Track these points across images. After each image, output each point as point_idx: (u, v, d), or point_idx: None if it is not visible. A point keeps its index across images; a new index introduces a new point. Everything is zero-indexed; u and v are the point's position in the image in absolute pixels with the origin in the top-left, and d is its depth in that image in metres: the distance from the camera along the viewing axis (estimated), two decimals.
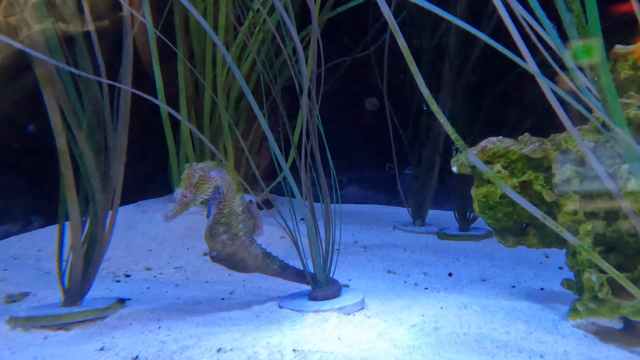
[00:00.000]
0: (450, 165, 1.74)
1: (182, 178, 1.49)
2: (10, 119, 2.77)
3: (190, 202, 1.48)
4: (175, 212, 1.46)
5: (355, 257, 2.50)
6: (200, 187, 1.50)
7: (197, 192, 1.49)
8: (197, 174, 1.49)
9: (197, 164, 1.51)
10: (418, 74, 1.19)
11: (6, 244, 2.70)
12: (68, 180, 1.56)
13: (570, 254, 1.58)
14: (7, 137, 2.81)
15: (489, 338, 1.44)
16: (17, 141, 2.86)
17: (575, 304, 1.51)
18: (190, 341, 1.41)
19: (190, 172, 1.49)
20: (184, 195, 1.47)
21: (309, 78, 1.65)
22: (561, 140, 1.56)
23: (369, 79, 3.61)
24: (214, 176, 1.51)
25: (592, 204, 1.48)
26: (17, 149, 2.89)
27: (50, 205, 2.94)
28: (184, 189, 1.48)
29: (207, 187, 1.50)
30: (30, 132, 2.87)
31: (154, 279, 2.17)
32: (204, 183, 1.50)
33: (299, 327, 1.53)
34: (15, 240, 2.75)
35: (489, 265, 2.32)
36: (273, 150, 1.67)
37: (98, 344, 1.39)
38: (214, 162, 1.56)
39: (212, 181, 1.51)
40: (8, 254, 2.57)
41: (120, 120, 1.67)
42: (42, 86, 1.53)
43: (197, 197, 1.49)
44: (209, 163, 1.53)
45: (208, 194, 1.51)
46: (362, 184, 4.21)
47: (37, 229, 2.91)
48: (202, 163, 1.52)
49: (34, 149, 2.86)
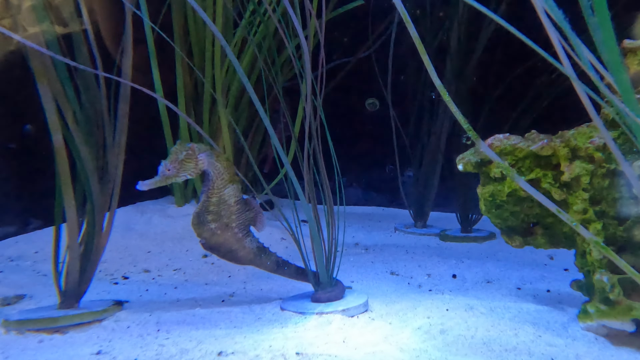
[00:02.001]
0: (456, 163, 1.71)
1: (170, 151, 1.51)
2: (6, 118, 2.74)
3: (172, 177, 1.50)
4: (154, 182, 1.48)
5: (357, 259, 2.46)
6: (185, 165, 1.51)
7: (181, 169, 1.51)
8: (185, 151, 1.51)
9: (191, 143, 1.53)
10: (430, 65, 1.15)
11: (3, 245, 2.66)
12: (64, 179, 1.51)
13: (579, 254, 1.54)
14: (3, 136, 2.77)
15: (497, 341, 1.40)
16: (14, 141, 2.82)
17: (585, 306, 1.47)
18: (190, 344, 1.37)
19: (179, 148, 1.51)
20: (167, 168, 1.50)
21: (320, 77, 1.61)
22: (570, 137, 1.52)
23: (369, 79, 3.58)
24: (201, 159, 1.53)
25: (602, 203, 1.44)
26: (13, 149, 2.85)
27: (48, 206, 2.91)
28: (168, 163, 1.50)
29: (192, 166, 1.52)
30: (27, 131, 2.83)
31: (152, 281, 2.12)
32: (190, 162, 1.51)
33: (302, 329, 1.49)
34: (12, 241, 2.71)
35: (493, 266, 2.28)
36: (275, 146, 1.64)
37: (95, 347, 1.34)
38: (207, 146, 1.56)
39: (199, 163, 1.52)
40: (4, 255, 2.52)
41: (120, 117, 1.64)
42: (38, 80, 1.49)
43: (180, 174, 1.51)
44: (202, 146, 1.54)
45: (192, 174, 1.53)
46: (363, 185, 4.17)
47: (34, 230, 2.87)
48: (195, 144, 1.53)
49: (31, 149, 2.82)
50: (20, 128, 2.81)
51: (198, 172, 1.54)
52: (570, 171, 1.48)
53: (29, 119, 2.76)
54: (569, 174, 1.49)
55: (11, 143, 2.84)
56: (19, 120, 2.78)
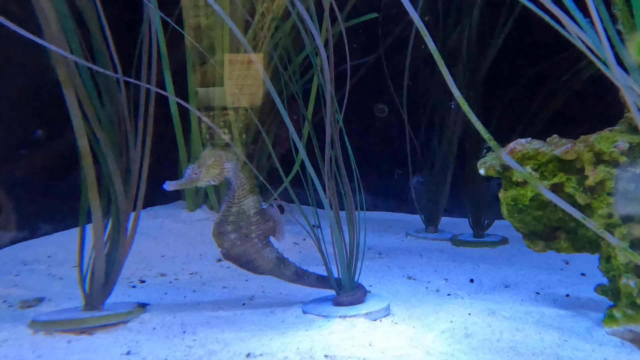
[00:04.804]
0: (477, 168, 1.71)
1: (199, 156, 1.53)
2: (18, 124, 2.74)
3: (197, 181, 1.52)
4: (180, 184, 1.50)
5: (372, 263, 2.46)
6: (211, 171, 1.53)
7: (207, 174, 1.53)
8: (213, 157, 1.53)
9: (219, 150, 1.55)
10: (448, 75, 1.16)
11: (15, 250, 2.65)
12: (90, 182, 1.52)
13: (604, 258, 1.54)
14: (13, 142, 2.77)
15: (523, 345, 1.41)
16: (24, 146, 2.83)
17: (611, 310, 1.47)
18: (217, 346, 1.37)
19: (208, 153, 1.54)
20: (194, 171, 1.52)
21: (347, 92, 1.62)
22: (594, 142, 1.53)
23: (379, 84, 3.59)
24: (227, 167, 1.54)
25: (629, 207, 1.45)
26: (24, 155, 2.86)
27: (58, 211, 2.92)
28: (196, 167, 1.52)
29: (217, 172, 1.54)
30: (37, 137, 2.84)
31: (170, 285, 2.12)
32: (216, 168, 1.53)
33: (327, 332, 1.49)
34: (24, 246, 2.71)
35: (509, 271, 2.28)
36: (292, 139, 1.65)
37: (124, 347, 1.35)
38: (235, 156, 1.57)
39: (224, 170, 1.54)
40: (18, 259, 2.52)
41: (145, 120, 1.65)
42: (63, 87, 1.49)
43: (205, 179, 1.53)
44: (229, 155, 1.56)
45: (215, 181, 1.54)
46: (372, 190, 4.18)
47: (44, 235, 2.87)
48: (223, 152, 1.55)
49: (41, 154, 2.82)
50: (31, 134, 2.82)
51: (221, 180, 1.56)
52: (595, 175, 1.49)
53: (40, 124, 2.77)
54: (594, 178, 1.49)
55: (22, 149, 2.85)
56: (29, 126, 2.79)
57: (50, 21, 1.45)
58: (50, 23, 1.45)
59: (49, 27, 1.45)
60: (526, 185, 1.62)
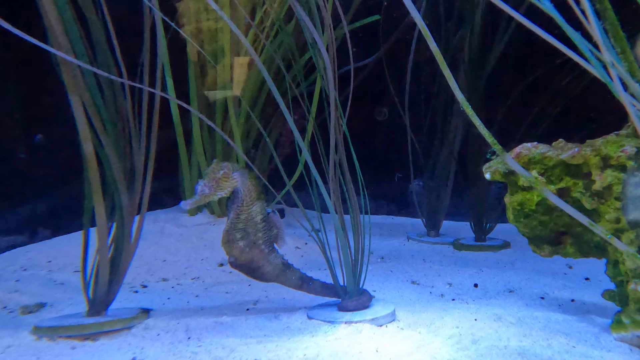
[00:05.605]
0: (483, 172, 1.70)
1: (207, 171, 1.53)
2: (16, 128, 2.73)
3: (209, 195, 1.52)
4: (194, 202, 1.49)
5: (375, 268, 2.45)
6: (222, 184, 1.53)
7: (218, 188, 1.53)
8: (222, 170, 1.53)
9: (225, 162, 1.55)
10: (451, 78, 1.15)
11: (14, 255, 2.64)
12: (95, 186, 1.50)
13: (611, 263, 1.53)
14: (13, 146, 2.76)
15: (531, 351, 1.39)
16: (24, 151, 2.82)
17: (619, 316, 1.46)
18: (222, 352, 1.36)
19: (216, 167, 1.53)
20: (206, 187, 1.51)
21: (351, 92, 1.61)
22: (600, 146, 1.52)
23: (380, 87, 3.59)
24: (236, 177, 1.54)
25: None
26: (23, 159, 2.84)
27: (57, 216, 2.90)
28: (207, 181, 1.52)
29: (227, 185, 1.54)
30: (37, 141, 2.82)
31: (172, 290, 2.11)
32: (226, 181, 1.53)
33: (333, 338, 1.47)
34: (23, 251, 2.69)
35: (513, 275, 2.27)
36: (298, 144, 1.64)
37: (128, 354, 1.33)
38: (240, 165, 1.55)
39: (233, 181, 1.54)
40: (17, 264, 2.50)
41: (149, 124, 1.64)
42: (69, 92, 1.48)
43: (216, 193, 1.53)
44: (235, 165, 1.56)
45: (226, 193, 1.55)
46: (372, 194, 4.17)
47: (43, 240, 2.85)
48: (229, 163, 1.55)
49: (40, 159, 2.81)
50: (31, 138, 2.81)
51: (231, 190, 1.55)
52: (602, 180, 1.48)
53: (39, 129, 2.76)
54: (601, 183, 1.48)
55: (21, 153, 2.83)
56: (28, 131, 2.77)
57: (56, 29, 1.44)
58: (55, 29, 1.44)
59: (54, 32, 1.44)
60: (532, 190, 1.61)
